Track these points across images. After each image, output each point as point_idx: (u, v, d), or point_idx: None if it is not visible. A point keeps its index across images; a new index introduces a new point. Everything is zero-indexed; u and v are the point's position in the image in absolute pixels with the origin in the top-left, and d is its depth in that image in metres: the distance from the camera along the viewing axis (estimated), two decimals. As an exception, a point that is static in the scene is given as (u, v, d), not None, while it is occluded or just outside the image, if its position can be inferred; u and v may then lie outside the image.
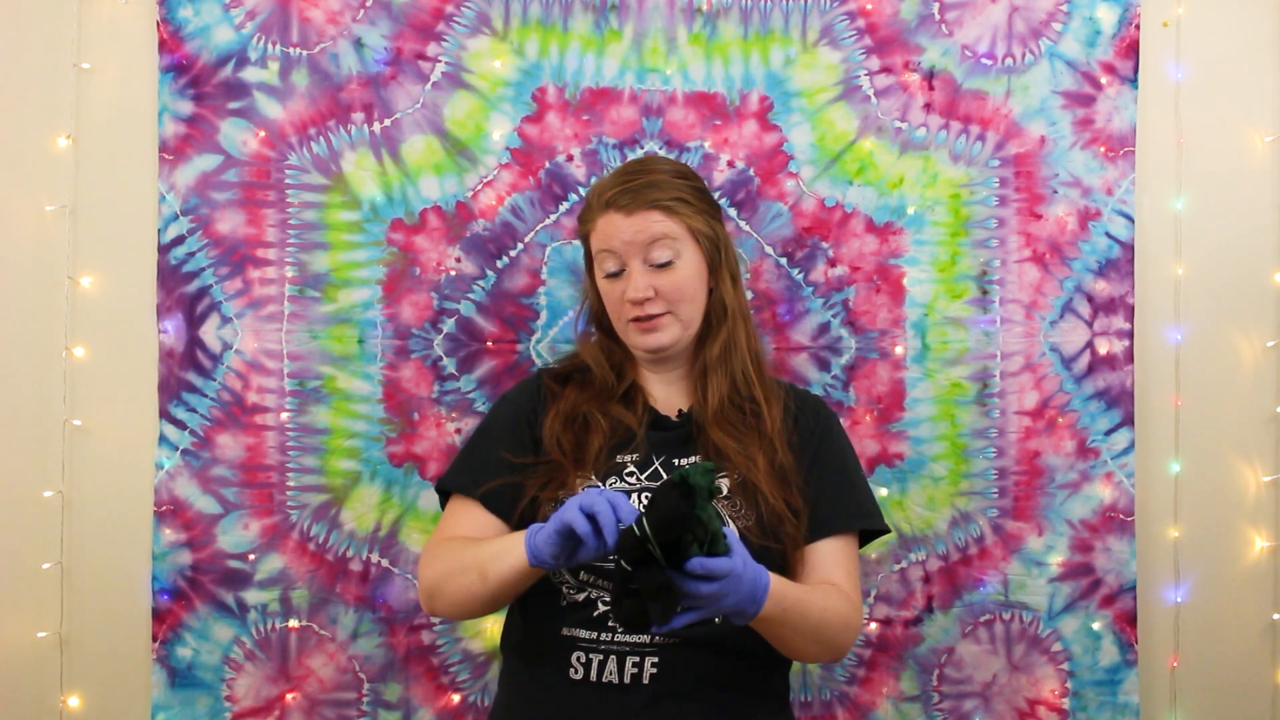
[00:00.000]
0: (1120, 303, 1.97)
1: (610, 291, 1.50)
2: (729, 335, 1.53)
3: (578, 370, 1.58)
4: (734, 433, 1.48)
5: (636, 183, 1.47)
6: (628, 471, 1.46)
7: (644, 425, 1.50)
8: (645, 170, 1.50)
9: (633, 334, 1.50)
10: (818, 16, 1.95)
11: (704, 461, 1.35)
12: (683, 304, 1.49)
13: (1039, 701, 1.97)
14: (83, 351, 1.92)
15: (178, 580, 1.89)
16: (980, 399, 1.96)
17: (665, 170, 1.51)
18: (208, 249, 1.90)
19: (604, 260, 1.50)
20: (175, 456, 1.89)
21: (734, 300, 1.54)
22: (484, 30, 1.93)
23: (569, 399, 1.52)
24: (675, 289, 1.48)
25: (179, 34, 1.89)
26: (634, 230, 1.46)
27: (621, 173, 1.52)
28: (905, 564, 1.96)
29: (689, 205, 1.49)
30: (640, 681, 1.38)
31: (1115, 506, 1.96)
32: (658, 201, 1.46)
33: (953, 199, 1.96)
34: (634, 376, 1.56)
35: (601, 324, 1.59)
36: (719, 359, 1.52)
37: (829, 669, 1.95)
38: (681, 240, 1.48)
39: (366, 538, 1.91)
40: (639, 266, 1.47)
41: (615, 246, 1.47)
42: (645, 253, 1.47)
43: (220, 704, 1.90)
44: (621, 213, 1.46)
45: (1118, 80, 1.96)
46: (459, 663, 1.92)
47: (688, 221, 1.48)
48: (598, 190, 1.52)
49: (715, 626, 1.39)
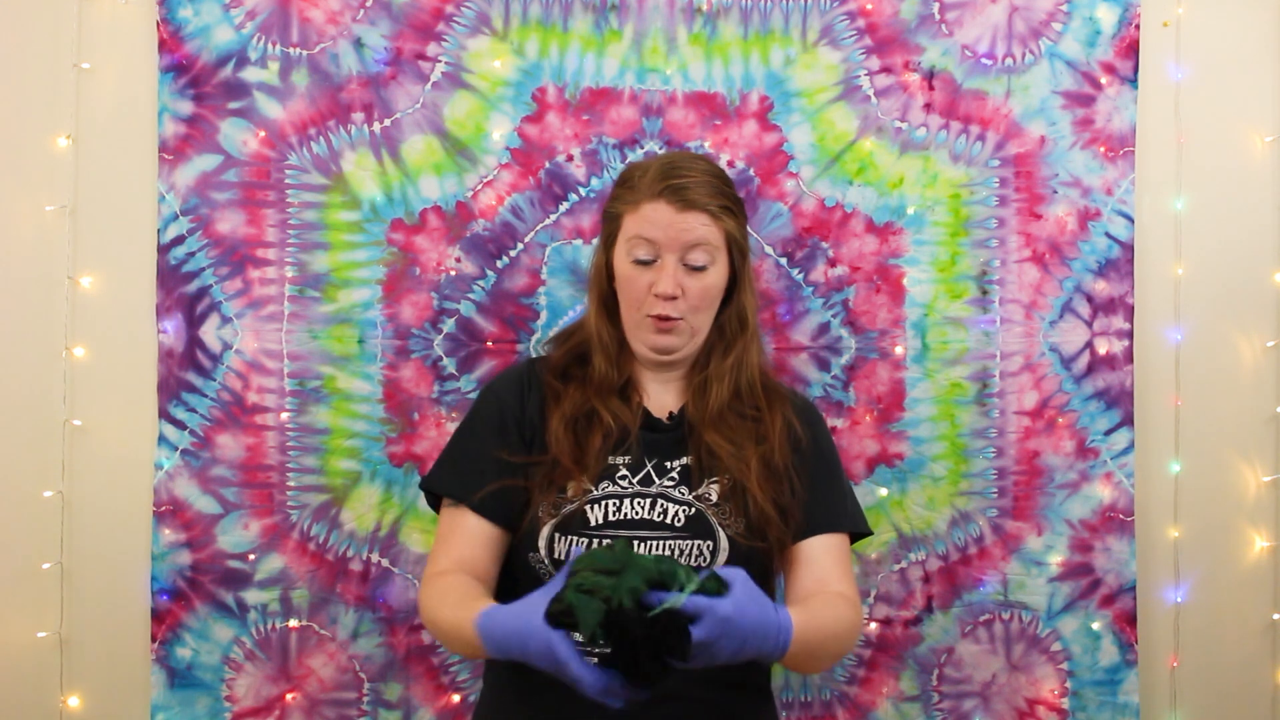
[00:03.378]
0: (1120, 303, 1.97)
1: (636, 278, 1.46)
2: (742, 349, 1.52)
3: (575, 361, 1.54)
4: (730, 435, 1.47)
5: (692, 179, 1.45)
6: (620, 475, 1.45)
7: (639, 425, 1.49)
8: (695, 170, 1.47)
9: (646, 329, 1.48)
10: (818, 16, 1.95)
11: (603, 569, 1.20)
12: (701, 312, 1.47)
13: (1039, 701, 1.97)
14: (83, 351, 1.92)
15: (177, 580, 1.89)
16: (980, 399, 1.96)
17: (713, 174, 1.48)
18: (208, 249, 1.90)
19: (637, 246, 1.45)
20: (175, 456, 1.89)
21: (753, 315, 1.53)
22: (484, 30, 1.93)
23: (573, 398, 1.49)
24: (701, 295, 1.46)
25: (179, 34, 1.89)
26: (682, 227, 1.44)
27: (673, 165, 1.47)
28: (905, 564, 1.96)
29: (731, 215, 1.47)
30: None
31: (1115, 506, 1.96)
32: (707, 206, 1.44)
33: (953, 199, 1.96)
34: (630, 371, 1.54)
35: (606, 305, 1.54)
36: (729, 369, 1.51)
37: (829, 669, 1.95)
38: (719, 249, 1.46)
39: (367, 538, 1.92)
40: (674, 263, 1.44)
41: (657, 237, 1.44)
42: (685, 252, 1.44)
43: (220, 704, 1.90)
44: (674, 206, 1.43)
45: (1118, 80, 1.97)
46: (459, 663, 1.92)
47: (728, 229, 1.47)
48: (649, 175, 1.47)
49: None
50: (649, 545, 1.40)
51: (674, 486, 1.45)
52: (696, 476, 1.45)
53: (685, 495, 1.44)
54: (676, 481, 1.45)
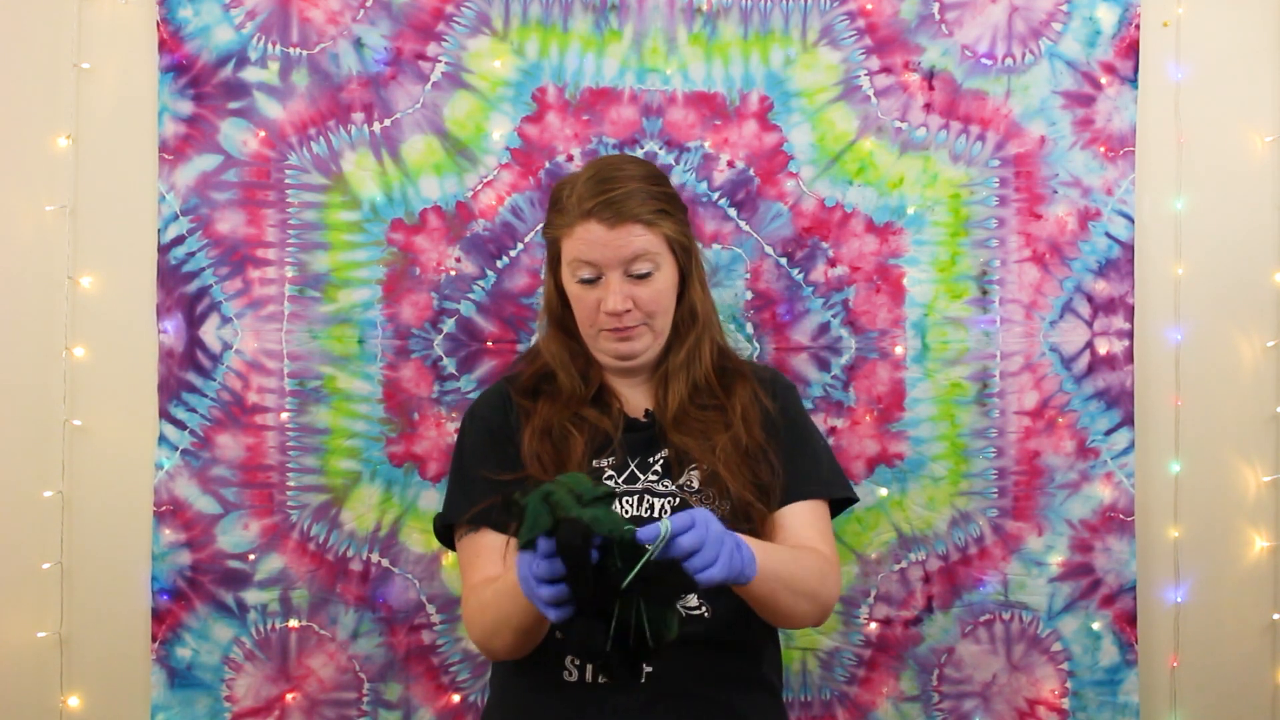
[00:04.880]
0: (1120, 303, 1.97)
1: (584, 298, 1.48)
2: (695, 341, 1.53)
3: (543, 379, 1.55)
4: (694, 429, 1.48)
5: (617, 193, 1.44)
6: (606, 476, 1.46)
7: (619, 428, 1.50)
8: (621, 178, 1.46)
9: (604, 342, 1.49)
10: (818, 16, 1.95)
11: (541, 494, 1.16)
12: (658, 315, 1.49)
13: (1039, 701, 1.97)
14: (83, 351, 1.92)
15: (177, 580, 1.89)
16: (980, 399, 1.96)
17: (640, 177, 1.47)
18: (208, 249, 1.90)
19: (579, 268, 1.47)
20: (175, 456, 1.89)
21: (702, 306, 1.54)
22: (484, 30, 1.93)
23: (542, 414, 1.50)
24: (653, 300, 1.47)
25: (179, 34, 1.89)
26: (617, 244, 1.44)
27: (598, 180, 1.46)
28: (905, 564, 1.96)
29: (668, 216, 1.48)
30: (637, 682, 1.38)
31: (1115, 506, 1.96)
32: (640, 215, 1.44)
33: (953, 199, 1.96)
34: (600, 380, 1.55)
35: (563, 325, 1.56)
36: (682, 365, 1.52)
37: (829, 669, 1.95)
38: (661, 253, 1.47)
39: (367, 538, 1.91)
40: (617, 278, 1.45)
41: (595, 258, 1.45)
42: (627, 265, 1.45)
43: (220, 704, 1.90)
44: (603, 225, 1.43)
45: (1118, 80, 1.96)
46: (459, 663, 1.92)
47: (666, 233, 1.47)
48: (574, 196, 1.46)
49: (708, 622, 1.39)
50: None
51: (658, 480, 1.47)
52: (676, 467, 1.47)
53: (669, 487, 1.46)
54: (660, 475, 1.47)
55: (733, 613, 1.41)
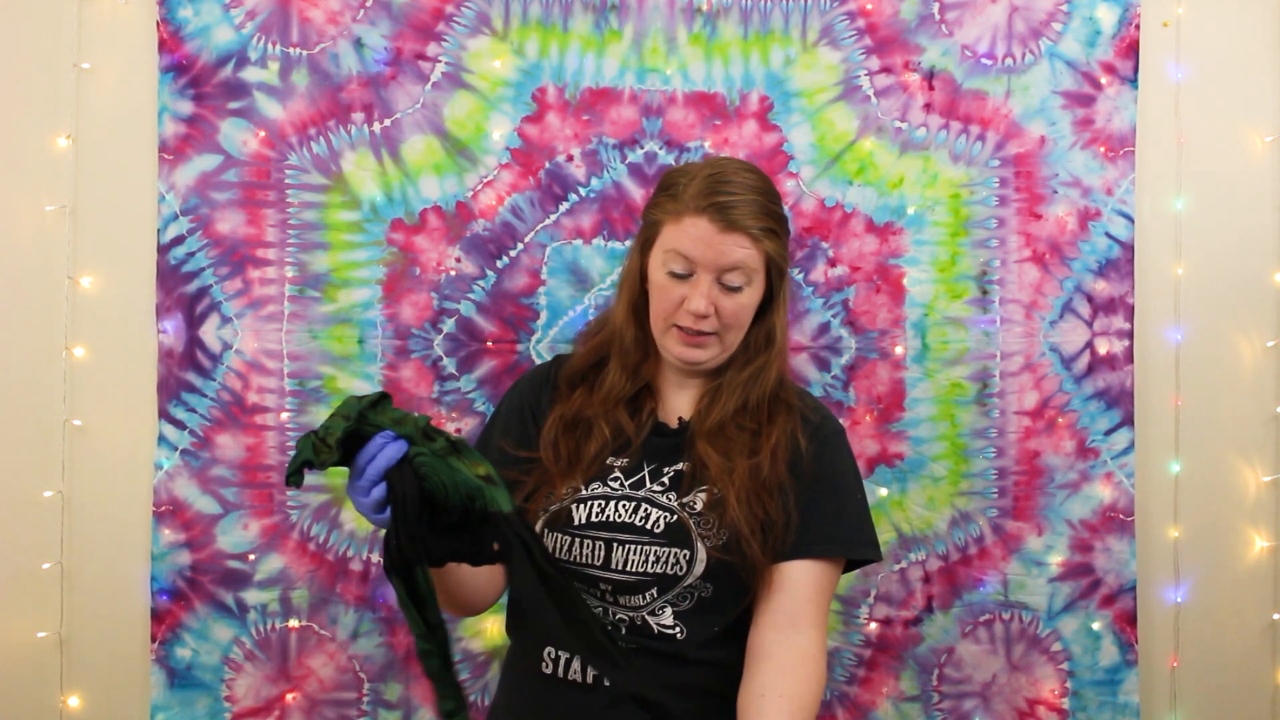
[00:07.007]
0: (1120, 303, 1.97)
1: (669, 289, 1.43)
2: (764, 364, 1.48)
3: (593, 367, 1.52)
4: (724, 447, 1.43)
5: (734, 199, 1.40)
6: (613, 476, 1.44)
7: (644, 432, 1.47)
8: (742, 185, 1.42)
9: (673, 341, 1.46)
10: (818, 16, 1.95)
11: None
12: (733, 330, 1.45)
13: (1039, 701, 1.97)
14: (83, 351, 1.92)
15: (177, 580, 1.89)
16: (980, 399, 1.96)
17: (759, 190, 1.44)
18: (208, 249, 1.90)
19: (673, 259, 1.42)
20: (175, 456, 1.89)
21: (781, 333, 1.50)
22: (484, 30, 1.93)
23: (574, 404, 1.48)
24: (734, 314, 1.44)
25: (179, 34, 1.89)
26: (721, 249, 1.40)
27: (719, 179, 1.42)
28: (905, 564, 1.96)
29: (774, 236, 1.44)
30: (601, 683, 1.37)
31: (1115, 506, 1.96)
32: (749, 228, 1.40)
33: (953, 199, 1.96)
34: (650, 376, 1.52)
35: (635, 307, 1.51)
36: (741, 383, 1.48)
37: (829, 669, 1.94)
38: (757, 270, 1.43)
39: (366, 537, 1.91)
40: (709, 281, 1.41)
41: (695, 255, 1.41)
42: (721, 273, 1.41)
43: (220, 704, 1.90)
44: (716, 225, 1.40)
45: (1118, 80, 1.97)
46: (459, 662, 1.92)
47: (768, 250, 1.43)
48: (691, 188, 1.42)
49: (677, 641, 1.38)
50: (625, 549, 1.39)
51: (662, 492, 1.43)
52: (687, 484, 1.43)
53: (671, 501, 1.42)
54: (666, 487, 1.43)
55: (708, 634, 1.39)
